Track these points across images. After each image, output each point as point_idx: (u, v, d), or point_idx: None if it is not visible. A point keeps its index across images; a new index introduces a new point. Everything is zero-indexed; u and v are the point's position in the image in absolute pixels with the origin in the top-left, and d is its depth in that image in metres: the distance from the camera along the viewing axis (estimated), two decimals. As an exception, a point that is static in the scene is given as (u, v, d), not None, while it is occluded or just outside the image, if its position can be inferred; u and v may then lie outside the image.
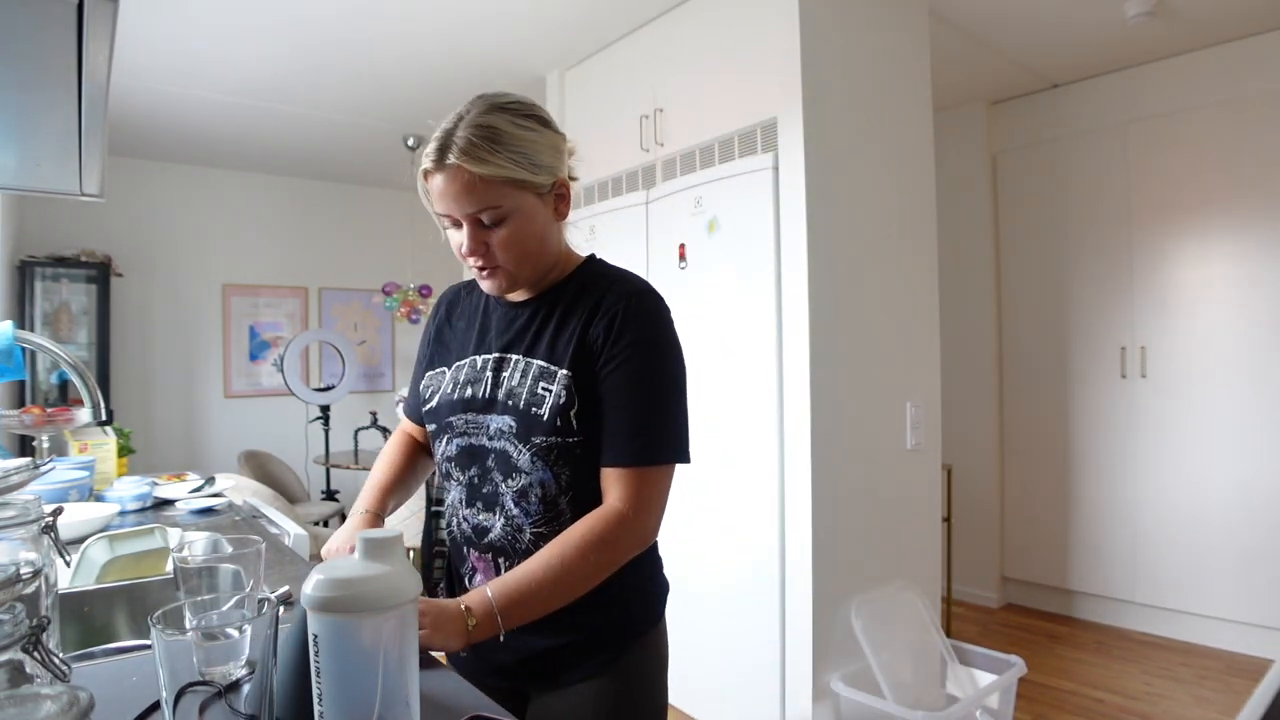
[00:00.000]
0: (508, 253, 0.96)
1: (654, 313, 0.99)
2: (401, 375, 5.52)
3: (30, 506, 0.78)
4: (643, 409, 0.95)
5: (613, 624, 1.01)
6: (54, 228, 4.21)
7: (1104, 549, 3.47)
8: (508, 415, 0.98)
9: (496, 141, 0.92)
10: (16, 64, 0.81)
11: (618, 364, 0.95)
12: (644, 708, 1.03)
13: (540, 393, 0.96)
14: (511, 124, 0.94)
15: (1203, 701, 2.70)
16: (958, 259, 3.85)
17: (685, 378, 1.01)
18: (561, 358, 0.97)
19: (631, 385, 0.95)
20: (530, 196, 0.96)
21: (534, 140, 0.95)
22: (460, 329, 1.11)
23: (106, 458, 2.22)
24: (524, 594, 0.88)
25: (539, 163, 0.95)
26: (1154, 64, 3.36)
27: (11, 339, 1.38)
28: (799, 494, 2.25)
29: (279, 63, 3.21)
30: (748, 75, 2.48)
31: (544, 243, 1.00)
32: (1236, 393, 3.09)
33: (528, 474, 0.96)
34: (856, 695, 2.15)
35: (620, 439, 0.95)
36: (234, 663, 0.64)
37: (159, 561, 1.34)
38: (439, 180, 0.93)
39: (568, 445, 0.95)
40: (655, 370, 0.97)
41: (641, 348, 0.96)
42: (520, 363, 1.00)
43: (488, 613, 0.86)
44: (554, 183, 0.99)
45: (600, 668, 0.99)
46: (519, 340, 1.02)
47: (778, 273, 2.32)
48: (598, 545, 0.91)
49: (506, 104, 0.97)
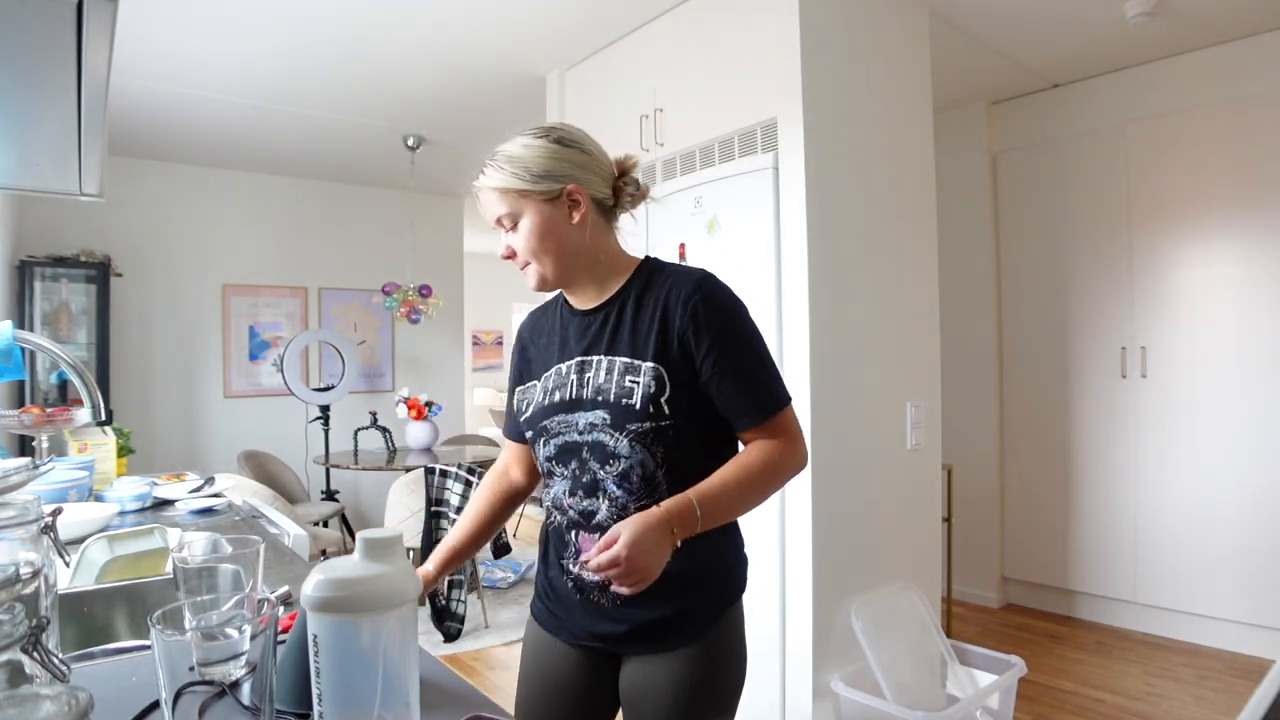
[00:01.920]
0: (525, 249, 1.11)
1: (723, 293, 1.12)
2: (401, 375, 5.52)
3: (30, 506, 0.78)
4: (753, 375, 1.09)
5: (708, 596, 1.12)
6: (54, 228, 4.22)
7: (1104, 549, 3.47)
8: (599, 410, 1.09)
9: (501, 160, 1.10)
10: (16, 64, 0.80)
11: (717, 349, 1.07)
12: (728, 676, 1.13)
13: (629, 385, 1.08)
14: (519, 145, 1.11)
15: (1203, 702, 2.70)
16: (958, 259, 3.85)
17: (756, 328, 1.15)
18: (644, 351, 1.09)
19: (737, 361, 1.08)
20: (535, 202, 1.09)
21: (534, 156, 1.09)
22: (542, 345, 1.23)
23: (106, 458, 2.22)
24: (721, 495, 1.03)
25: (538, 173, 1.09)
26: (1154, 64, 3.36)
27: (11, 339, 1.38)
28: (799, 494, 2.25)
29: (279, 63, 3.21)
30: (748, 75, 2.48)
31: (563, 243, 1.11)
32: (1237, 392, 3.09)
33: (626, 458, 1.07)
34: (856, 695, 2.15)
35: (751, 406, 1.08)
36: (233, 663, 0.64)
37: (158, 562, 1.34)
38: (479, 198, 1.14)
39: (661, 428, 1.06)
40: (745, 340, 1.11)
41: (727, 327, 1.09)
42: (604, 362, 1.11)
43: (688, 514, 1.00)
44: (561, 190, 1.10)
45: (693, 637, 1.10)
46: (597, 343, 1.14)
47: (778, 273, 2.32)
48: (774, 468, 1.07)
49: (525, 130, 1.14)
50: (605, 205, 1.17)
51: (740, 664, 1.16)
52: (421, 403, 4.47)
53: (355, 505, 5.26)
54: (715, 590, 1.14)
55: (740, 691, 1.16)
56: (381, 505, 4.94)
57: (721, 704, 1.13)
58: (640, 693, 1.12)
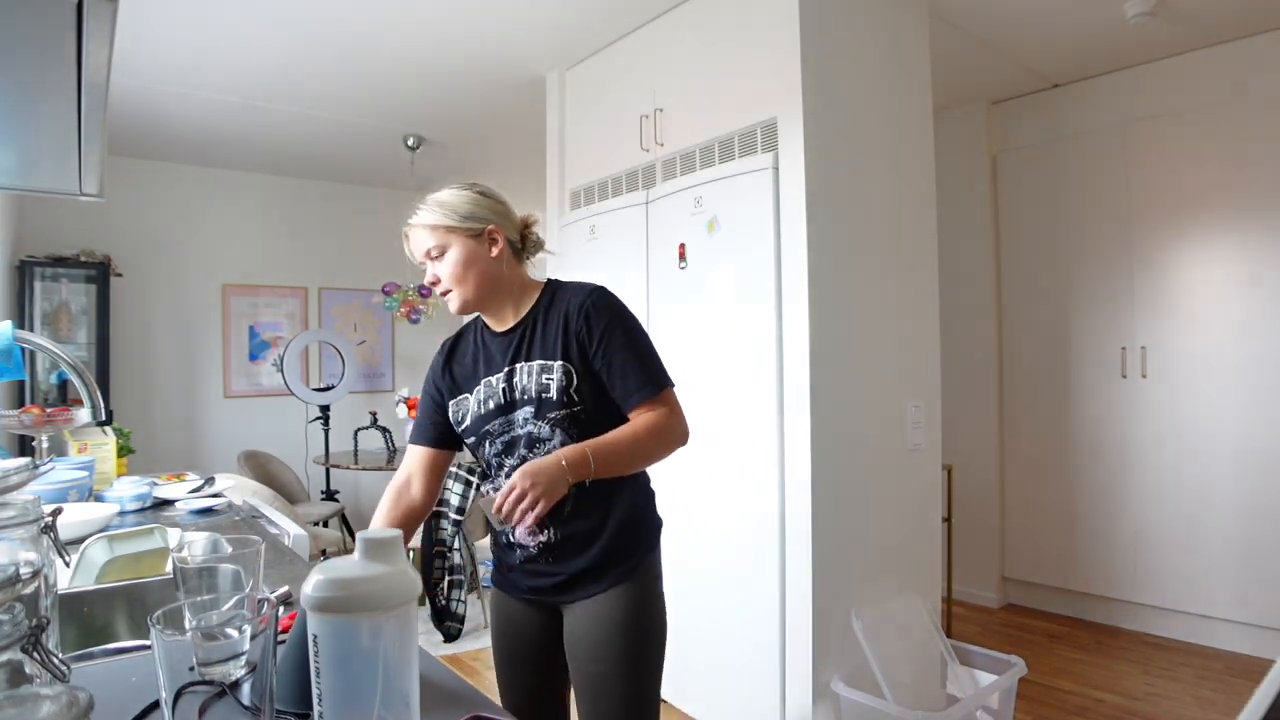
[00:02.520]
0: (450, 276, 1.33)
1: (610, 300, 1.36)
2: (401, 375, 5.52)
3: (30, 507, 0.78)
4: (636, 360, 1.31)
5: (629, 543, 1.35)
6: (53, 227, 4.21)
7: (1104, 549, 3.47)
8: (527, 405, 1.32)
9: (433, 203, 1.34)
10: (16, 64, 0.80)
11: (605, 340, 1.31)
12: (655, 606, 1.38)
13: (545, 381, 1.31)
14: (448, 193, 1.35)
15: (1203, 702, 2.70)
16: (958, 259, 3.85)
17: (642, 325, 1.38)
18: (553, 353, 1.32)
19: (621, 349, 1.31)
20: (462, 237, 1.33)
21: (461, 201, 1.34)
22: (467, 364, 1.43)
23: (106, 458, 2.22)
24: (612, 448, 1.25)
25: (464, 214, 1.33)
26: (1154, 64, 3.36)
27: (11, 339, 1.38)
28: (799, 494, 2.25)
29: (279, 63, 3.21)
30: (748, 75, 2.48)
31: (484, 272, 1.34)
32: (1237, 392, 3.09)
33: (549, 440, 1.30)
34: (856, 695, 2.14)
35: (634, 386, 1.30)
36: (233, 663, 0.64)
37: (158, 562, 1.34)
38: (410, 237, 1.37)
39: (574, 413, 1.30)
40: (628, 334, 1.33)
41: (613, 325, 1.32)
42: (525, 367, 1.34)
43: (581, 457, 1.22)
44: (483, 229, 1.34)
45: (621, 577, 1.33)
46: (519, 353, 1.36)
47: (778, 273, 2.32)
48: (657, 430, 1.29)
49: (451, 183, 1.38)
50: (515, 247, 1.41)
51: (661, 598, 1.39)
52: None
53: (355, 505, 5.26)
54: (633, 539, 1.35)
55: (665, 630, 1.39)
56: (381, 505, 4.94)
57: (652, 637, 1.36)
58: (580, 632, 1.33)
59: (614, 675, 1.31)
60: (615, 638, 1.31)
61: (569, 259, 3.16)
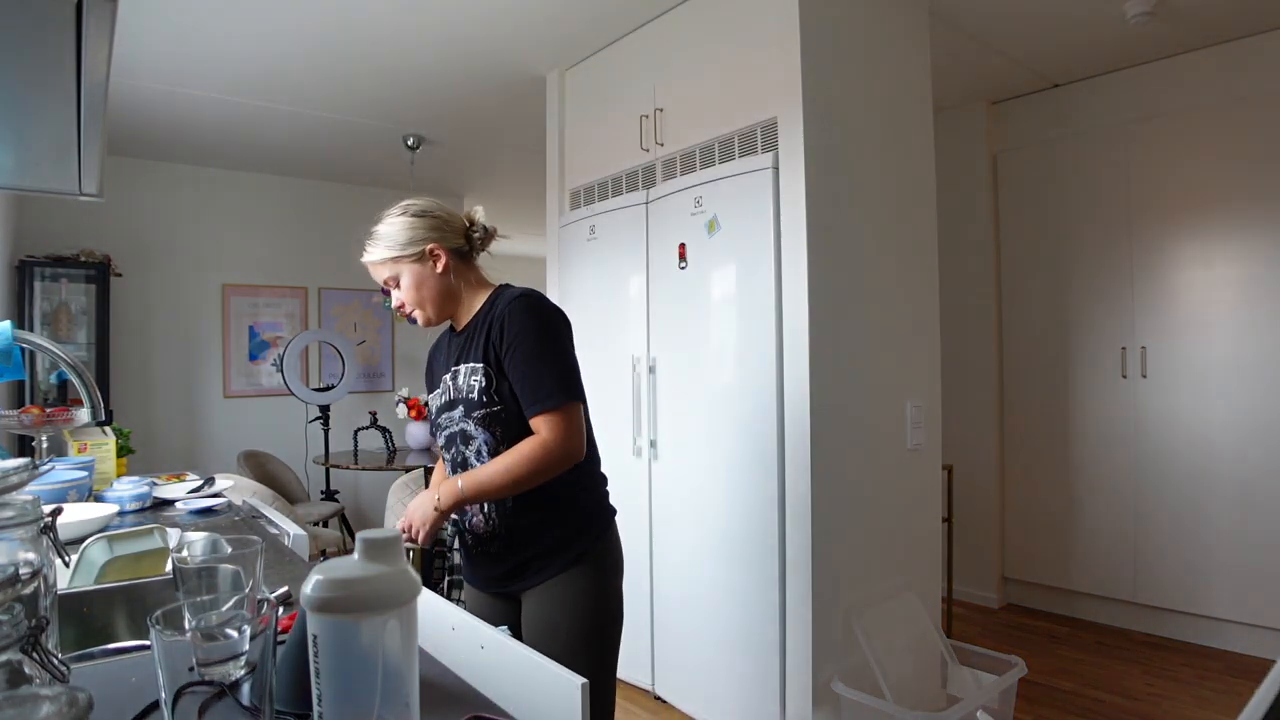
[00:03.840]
0: (411, 297, 1.47)
1: (531, 308, 1.41)
2: (401, 375, 5.52)
3: (29, 507, 0.78)
4: (537, 374, 1.37)
5: (572, 531, 1.44)
6: (53, 227, 4.21)
7: (1104, 549, 3.47)
8: (460, 405, 1.45)
9: (376, 239, 1.47)
10: (16, 64, 0.80)
11: (512, 349, 1.38)
12: (606, 587, 1.46)
13: (472, 382, 1.43)
14: (386, 225, 1.46)
15: (1204, 702, 2.70)
16: (958, 259, 3.85)
17: (564, 337, 1.43)
18: (477, 356, 1.43)
19: (526, 360, 1.37)
20: (407, 264, 1.45)
21: (397, 230, 1.45)
22: (440, 362, 1.57)
23: (106, 458, 2.22)
24: (484, 480, 1.36)
25: (404, 242, 1.44)
26: (1154, 64, 3.36)
27: (10, 339, 1.38)
28: (799, 494, 2.25)
29: (279, 63, 3.21)
30: (748, 75, 2.48)
31: (434, 289, 1.46)
32: (1237, 393, 3.09)
33: (476, 437, 1.44)
34: (856, 695, 2.14)
35: (530, 398, 1.37)
36: (233, 663, 0.64)
37: (158, 562, 1.34)
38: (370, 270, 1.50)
39: (494, 413, 1.41)
40: (537, 345, 1.38)
41: (524, 334, 1.38)
42: (462, 369, 1.46)
43: (450, 488, 1.37)
44: (425, 250, 1.44)
45: (570, 563, 1.42)
46: (461, 356, 1.48)
47: (777, 273, 2.32)
48: (531, 460, 1.35)
49: (388, 211, 1.49)
50: (462, 252, 1.49)
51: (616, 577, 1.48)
52: (421, 403, 4.47)
53: (355, 505, 5.26)
54: (580, 527, 1.45)
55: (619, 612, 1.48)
56: (381, 505, 4.94)
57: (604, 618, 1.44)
58: (536, 614, 1.43)
59: (567, 653, 1.35)
60: (568, 617, 1.40)
61: (569, 259, 3.16)
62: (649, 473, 2.77)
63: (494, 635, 1.00)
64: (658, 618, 2.73)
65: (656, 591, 2.74)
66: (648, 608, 2.76)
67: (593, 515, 1.49)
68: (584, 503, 1.48)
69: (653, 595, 2.75)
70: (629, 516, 2.77)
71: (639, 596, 2.77)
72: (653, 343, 2.77)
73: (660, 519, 2.73)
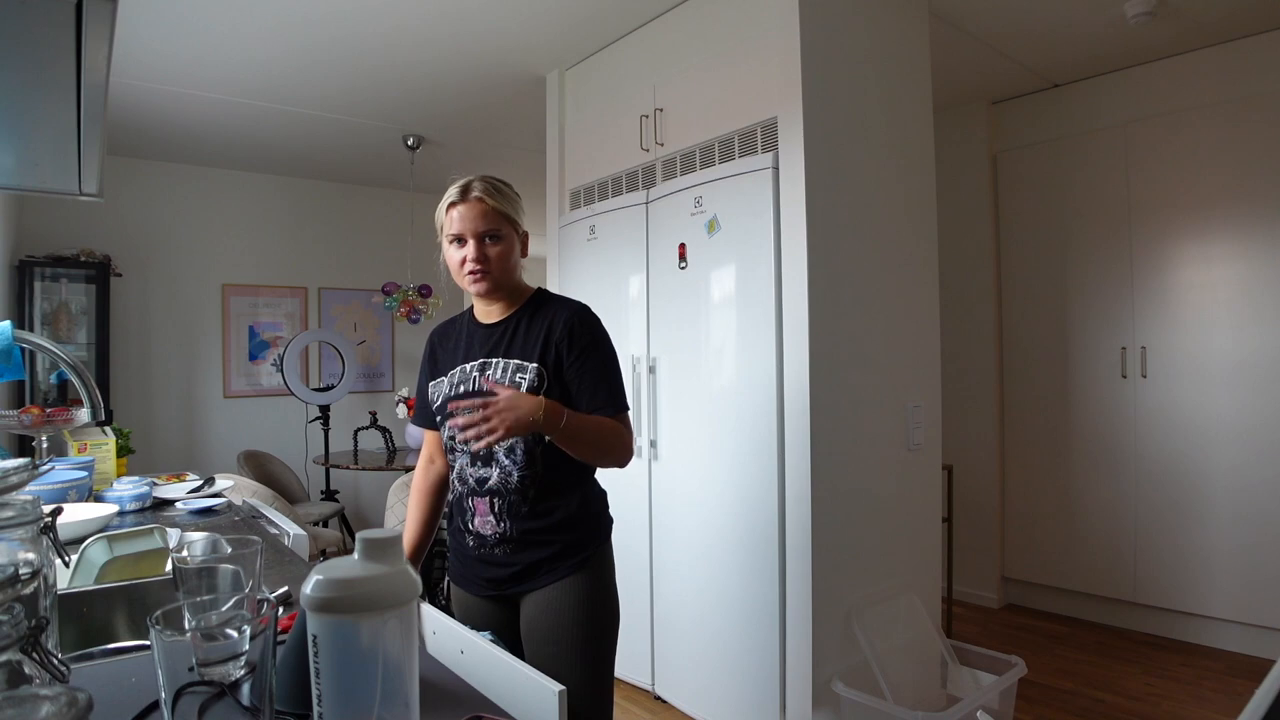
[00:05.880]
0: (498, 263, 1.44)
1: (594, 320, 1.48)
2: (401, 375, 5.52)
3: (29, 507, 0.78)
4: (606, 380, 1.44)
5: (581, 536, 1.45)
6: (53, 227, 4.21)
7: (1104, 549, 3.47)
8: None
9: (503, 189, 1.46)
10: (16, 64, 0.80)
11: (583, 357, 1.42)
12: (606, 593, 1.48)
13: (518, 380, 1.42)
14: (507, 187, 1.47)
15: (1203, 702, 2.70)
16: (958, 259, 3.85)
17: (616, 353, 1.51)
18: (531, 355, 1.43)
19: (595, 367, 1.43)
20: (514, 231, 1.46)
21: (517, 199, 1.49)
22: (450, 349, 1.55)
23: (105, 458, 2.22)
24: (582, 424, 1.36)
25: (520, 210, 1.48)
26: (1154, 64, 3.36)
27: (10, 339, 1.38)
28: (799, 494, 2.25)
29: (279, 63, 3.21)
30: (748, 75, 2.48)
31: (514, 269, 1.48)
32: (1237, 392, 3.09)
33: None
34: (856, 695, 2.14)
35: (607, 399, 1.42)
36: (233, 663, 0.64)
37: (158, 562, 1.34)
38: (461, 209, 1.43)
39: None
40: (604, 355, 1.46)
41: (592, 343, 1.44)
42: (500, 363, 1.45)
43: (558, 411, 1.32)
44: (521, 230, 1.49)
45: (574, 568, 1.43)
46: (496, 349, 1.47)
47: (777, 273, 2.32)
48: (617, 434, 1.42)
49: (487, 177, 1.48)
50: None
51: (613, 586, 1.50)
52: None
53: (355, 505, 5.26)
54: (585, 534, 1.46)
55: (616, 617, 1.49)
56: (381, 505, 4.94)
57: (604, 623, 1.45)
58: (537, 618, 1.42)
59: (568, 657, 1.39)
60: (569, 622, 1.41)
61: (569, 259, 3.16)
62: (649, 473, 2.77)
63: (474, 640, 1.00)
64: (658, 617, 2.73)
65: (656, 591, 2.74)
66: (648, 607, 2.76)
67: (601, 522, 1.52)
68: (595, 509, 1.52)
69: (653, 595, 2.75)
70: (629, 517, 2.77)
71: (639, 596, 2.77)
72: (653, 343, 2.77)
73: (660, 519, 2.73)
